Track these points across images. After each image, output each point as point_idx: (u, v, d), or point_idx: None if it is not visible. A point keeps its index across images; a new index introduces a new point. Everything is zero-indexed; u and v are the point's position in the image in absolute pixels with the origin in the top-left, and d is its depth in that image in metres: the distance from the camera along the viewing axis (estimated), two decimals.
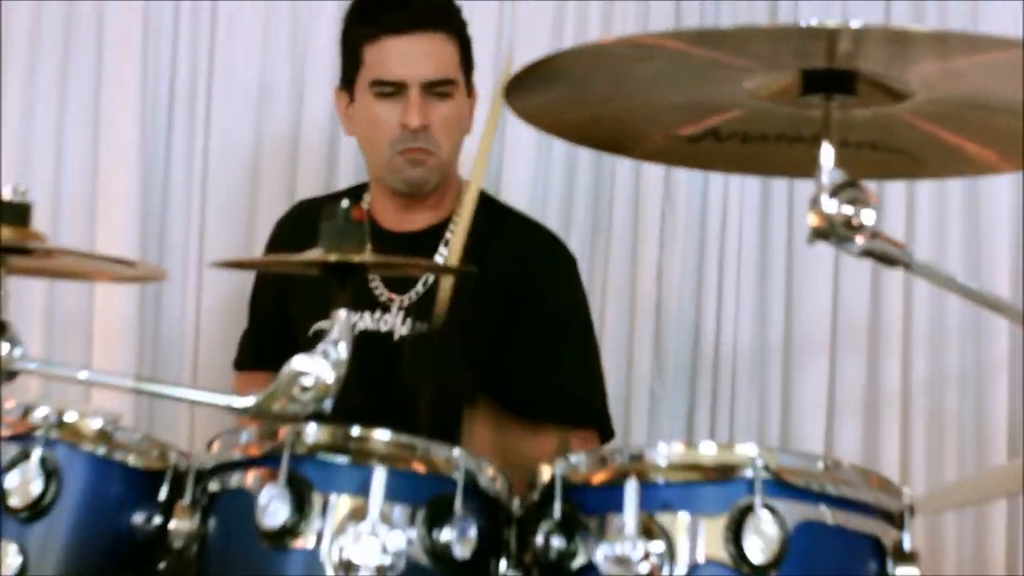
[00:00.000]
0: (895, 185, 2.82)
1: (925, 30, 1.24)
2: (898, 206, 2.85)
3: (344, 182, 2.87)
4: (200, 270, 2.92)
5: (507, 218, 2.49)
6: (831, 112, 1.40)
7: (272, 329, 2.52)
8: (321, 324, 2.37)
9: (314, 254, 1.56)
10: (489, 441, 2.29)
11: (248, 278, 2.76)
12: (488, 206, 2.47)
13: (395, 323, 2.36)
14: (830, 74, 1.38)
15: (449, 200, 2.43)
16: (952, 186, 2.86)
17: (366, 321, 2.36)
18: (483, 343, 2.33)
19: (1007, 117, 1.45)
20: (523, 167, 2.92)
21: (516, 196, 2.83)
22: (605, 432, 2.40)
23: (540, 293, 2.37)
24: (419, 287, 2.37)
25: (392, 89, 2.31)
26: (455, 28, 2.37)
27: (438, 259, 2.36)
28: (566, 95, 1.48)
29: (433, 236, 2.40)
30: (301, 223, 2.51)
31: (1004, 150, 1.56)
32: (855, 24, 1.25)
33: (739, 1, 2.91)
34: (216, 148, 2.94)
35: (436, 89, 2.32)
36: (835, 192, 1.38)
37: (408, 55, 2.31)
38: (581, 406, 2.39)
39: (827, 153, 1.39)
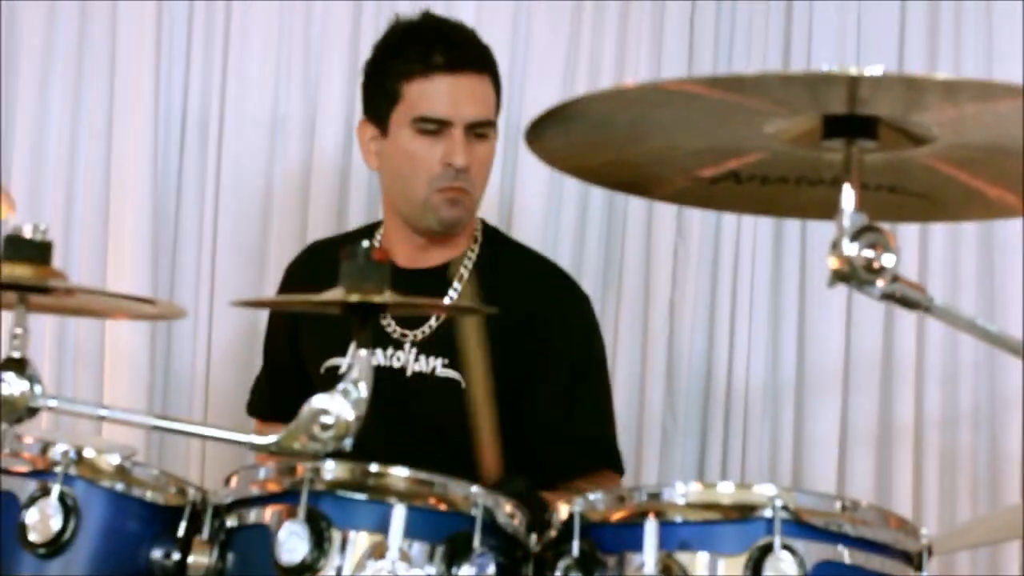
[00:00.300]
0: (909, 225, 2.83)
1: (945, 78, 1.25)
2: (912, 247, 2.86)
3: (355, 216, 2.89)
4: (211, 305, 2.93)
5: (517, 255, 2.50)
6: (852, 156, 1.40)
7: (288, 375, 2.52)
8: (335, 360, 2.38)
9: (335, 294, 1.57)
10: None
11: (259, 315, 2.77)
12: (499, 242, 2.49)
13: (408, 359, 2.37)
14: (851, 119, 1.38)
15: (464, 238, 2.43)
16: (966, 227, 2.87)
17: (378, 358, 2.37)
18: (499, 384, 2.34)
19: None
20: (535, 202, 2.93)
21: (527, 231, 2.84)
22: (618, 470, 2.40)
23: (553, 335, 2.37)
24: (431, 322, 2.37)
25: (435, 127, 2.32)
26: (494, 71, 2.39)
27: (452, 294, 2.37)
28: (586, 138, 1.49)
29: (446, 270, 2.40)
30: (313, 265, 2.52)
31: None
32: (875, 71, 1.26)
33: (753, 26, 2.94)
34: (227, 183, 2.95)
35: (477, 130, 2.33)
36: (856, 236, 1.39)
37: (455, 94, 2.32)
38: (599, 451, 2.39)
39: (848, 197, 1.40)
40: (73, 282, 1.70)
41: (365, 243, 1.58)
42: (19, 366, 1.62)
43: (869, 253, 1.39)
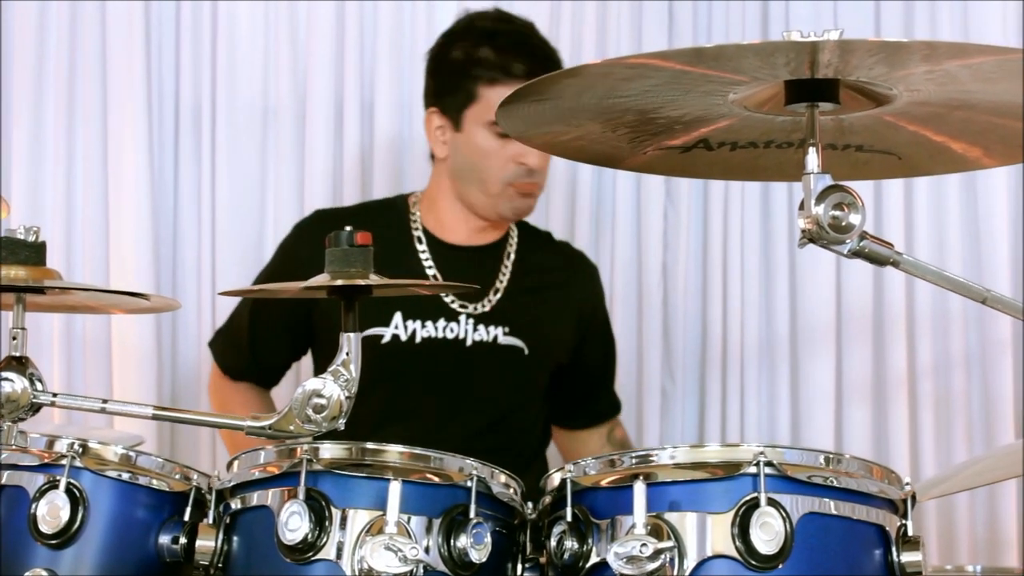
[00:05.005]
0: (893, 183, 2.86)
1: (903, 40, 1.28)
2: (897, 203, 2.89)
3: (350, 201, 2.91)
4: (213, 295, 2.95)
5: (545, 235, 2.69)
6: (816, 119, 1.43)
7: (281, 341, 2.58)
8: (376, 330, 2.43)
9: (321, 279, 1.61)
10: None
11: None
12: (527, 225, 2.63)
13: (466, 330, 2.46)
14: (813, 83, 1.42)
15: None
16: (949, 181, 2.89)
17: (433, 329, 2.45)
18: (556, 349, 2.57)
19: (988, 116, 1.49)
20: None
21: None
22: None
23: (593, 304, 2.66)
24: (491, 296, 2.50)
25: None
26: None
27: (505, 271, 2.53)
28: (555, 115, 1.52)
29: (496, 249, 2.55)
30: (321, 233, 2.55)
31: (988, 146, 1.59)
32: (834, 36, 1.29)
33: (731, 3, 2.96)
34: (223, 174, 2.97)
35: None
36: (822, 196, 1.42)
37: None
38: (616, 398, 2.72)
39: (812, 159, 1.43)
40: (70, 280, 1.73)
41: (348, 228, 1.61)
42: (20, 364, 1.66)
43: (836, 212, 1.43)
